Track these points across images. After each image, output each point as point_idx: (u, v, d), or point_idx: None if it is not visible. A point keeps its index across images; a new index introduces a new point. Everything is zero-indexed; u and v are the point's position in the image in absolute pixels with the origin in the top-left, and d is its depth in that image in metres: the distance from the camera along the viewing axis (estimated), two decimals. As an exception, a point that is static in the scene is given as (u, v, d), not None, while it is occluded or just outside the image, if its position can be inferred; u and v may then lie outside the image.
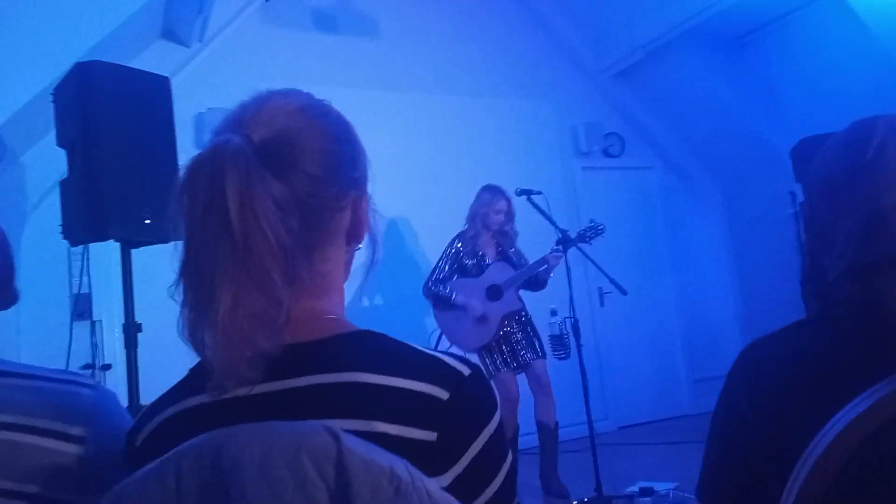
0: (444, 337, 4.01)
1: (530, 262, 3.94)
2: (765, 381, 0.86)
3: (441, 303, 3.94)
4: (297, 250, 0.70)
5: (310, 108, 0.78)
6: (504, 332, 3.86)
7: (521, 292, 4.00)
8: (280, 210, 0.68)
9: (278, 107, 0.76)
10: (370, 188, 0.83)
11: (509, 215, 3.95)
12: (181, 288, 0.70)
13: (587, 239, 3.77)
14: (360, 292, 0.90)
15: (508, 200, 3.94)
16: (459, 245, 4.00)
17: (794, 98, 5.39)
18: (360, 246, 0.83)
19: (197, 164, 0.69)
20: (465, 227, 4.04)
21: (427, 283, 3.99)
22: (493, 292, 3.88)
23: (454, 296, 3.89)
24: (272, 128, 0.73)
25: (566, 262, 3.68)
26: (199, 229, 0.67)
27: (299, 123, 0.75)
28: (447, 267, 3.99)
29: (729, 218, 6.22)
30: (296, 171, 0.72)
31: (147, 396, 2.46)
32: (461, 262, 3.98)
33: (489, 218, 3.93)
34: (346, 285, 0.83)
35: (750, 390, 0.88)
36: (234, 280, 0.66)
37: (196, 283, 0.68)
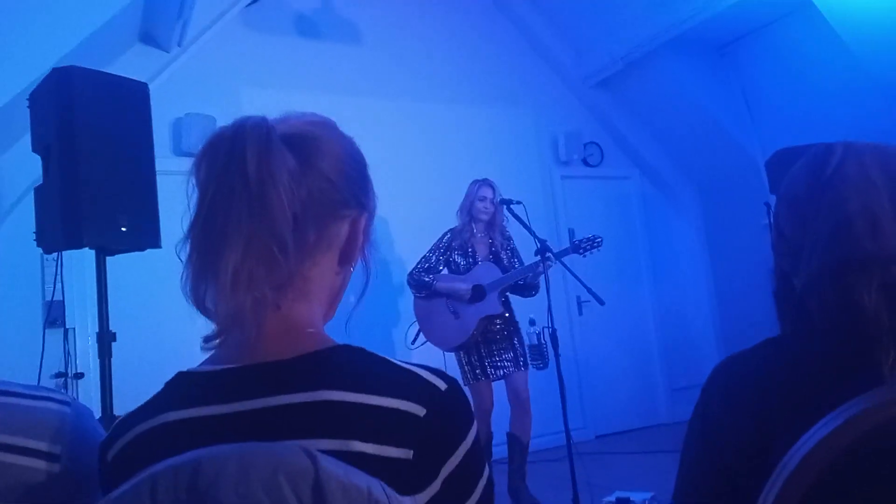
0: (421, 333, 3.94)
1: (515, 264, 3.88)
2: (739, 396, 0.88)
3: (423, 290, 3.87)
4: (305, 218, 0.73)
5: (333, 127, 0.82)
6: (484, 333, 3.78)
7: (512, 298, 3.94)
8: (293, 180, 0.71)
9: (306, 118, 0.80)
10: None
11: (495, 202, 3.87)
12: (189, 244, 0.71)
13: (581, 250, 3.71)
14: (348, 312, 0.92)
15: (492, 187, 3.89)
16: (448, 237, 3.93)
17: (772, 108, 5.48)
18: (352, 268, 0.84)
19: (218, 133, 0.72)
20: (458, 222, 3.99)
21: (412, 271, 3.92)
22: (477, 292, 3.80)
23: (435, 283, 3.82)
24: (295, 129, 0.77)
25: (545, 272, 3.67)
26: (215, 184, 0.70)
27: (323, 133, 0.79)
28: (434, 258, 3.92)
29: (707, 228, 6.29)
30: (311, 165, 0.75)
31: (120, 406, 2.43)
32: (450, 256, 3.91)
33: (474, 206, 3.87)
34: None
35: (724, 405, 0.89)
36: (247, 228, 0.68)
37: (207, 233, 0.70)
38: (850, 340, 0.82)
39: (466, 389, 3.69)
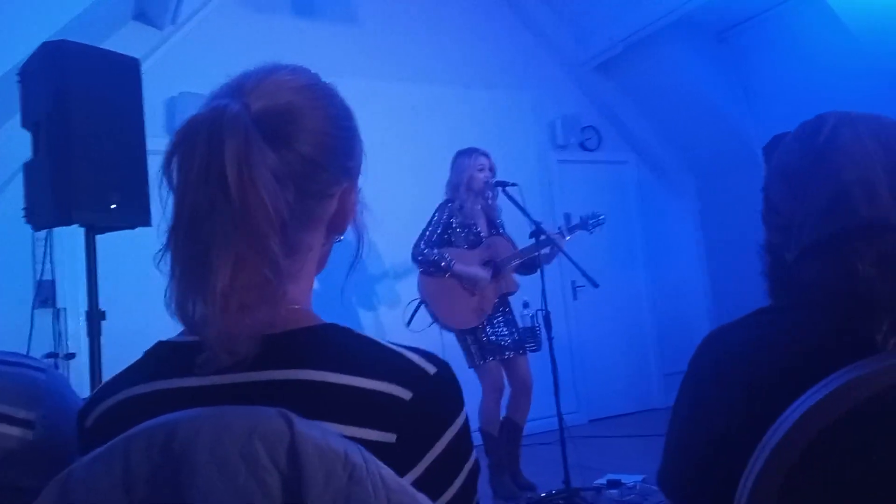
0: (421, 308, 3.74)
1: (514, 240, 3.80)
2: (728, 368, 0.87)
3: (435, 270, 3.61)
4: (294, 223, 0.69)
5: (315, 89, 0.76)
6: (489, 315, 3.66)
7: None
8: (277, 181, 0.66)
9: (283, 81, 0.74)
10: (362, 181, 0.81)
11: (493, 171, 3.76)
12: (169, 256, 0.66)
13: (590, 227, 3.69)
14: (339, 286, 0.88)
15: (486, 155, 3.77)
16: (447, 214, 3.73)
17: (772, 94, 5.45)
18: (341, 238, 0.81)
19: (193, 126, 0.66)
20: (447, 197, 3.82)
21: (418, 244, 3.68)
22: (493, 270, 3.67)
23: (453, 264, 3.59)
24: (273, 100, 0.71)
25: (538, 254, 3.65)
26: (193, 193, 0.64)
27: (301, 101, 0.73)
28: (436, 234, 3.70)
29: (703, 213, 6.28)
30: (290, 148, 0.70)
31: (112, 385, 2.41)
32: (452, 230, 3.73)
33: (474, 180, 3.71)
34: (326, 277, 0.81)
35: (713, 376, 0.88)
36: (234, 249, 0.63)
37: (190, 250, 0.65)
38: (842, 310, 0.81)
39: (474, 371, 3.62)
